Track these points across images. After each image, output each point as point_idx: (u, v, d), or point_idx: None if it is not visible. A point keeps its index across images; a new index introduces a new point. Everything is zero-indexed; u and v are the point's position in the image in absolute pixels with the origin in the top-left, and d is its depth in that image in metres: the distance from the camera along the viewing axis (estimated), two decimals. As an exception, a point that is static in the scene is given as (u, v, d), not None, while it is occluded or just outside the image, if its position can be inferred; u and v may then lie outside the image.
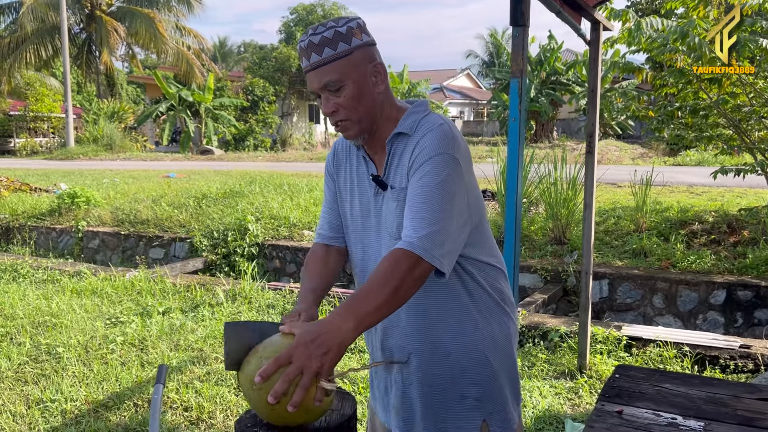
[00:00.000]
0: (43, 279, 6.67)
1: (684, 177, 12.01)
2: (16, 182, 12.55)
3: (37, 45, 27.95)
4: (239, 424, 1.38)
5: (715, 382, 1.76)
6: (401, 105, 1.64)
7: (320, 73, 1.50)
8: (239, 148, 26.78)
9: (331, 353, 1.27)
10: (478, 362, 1.60)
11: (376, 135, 1.61)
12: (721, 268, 5.95)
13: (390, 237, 1.60)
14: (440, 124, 1.55)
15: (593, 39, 3.95)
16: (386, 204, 1.61)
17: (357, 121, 1.55)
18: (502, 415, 1.63)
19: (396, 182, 1.58)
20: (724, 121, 6.79)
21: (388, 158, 1.61)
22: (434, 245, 1.40)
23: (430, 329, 1.60)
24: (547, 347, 4.56)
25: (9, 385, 4.00)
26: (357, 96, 1.52)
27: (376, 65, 1.55)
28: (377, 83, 1.56)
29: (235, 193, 10.18)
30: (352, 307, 1.33)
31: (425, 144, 1.51)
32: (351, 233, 1.73)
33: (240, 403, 3.72)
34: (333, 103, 1.53)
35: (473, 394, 1.60)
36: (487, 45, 43.37)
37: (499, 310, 1.66)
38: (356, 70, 1.51)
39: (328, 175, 1.80)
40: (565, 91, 23.70)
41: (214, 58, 43.42)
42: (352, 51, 1.50)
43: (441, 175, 1.46)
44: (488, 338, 1.61)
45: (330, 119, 1.57)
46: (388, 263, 1.38)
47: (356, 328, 1.31)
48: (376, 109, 1.57)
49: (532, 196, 7.98)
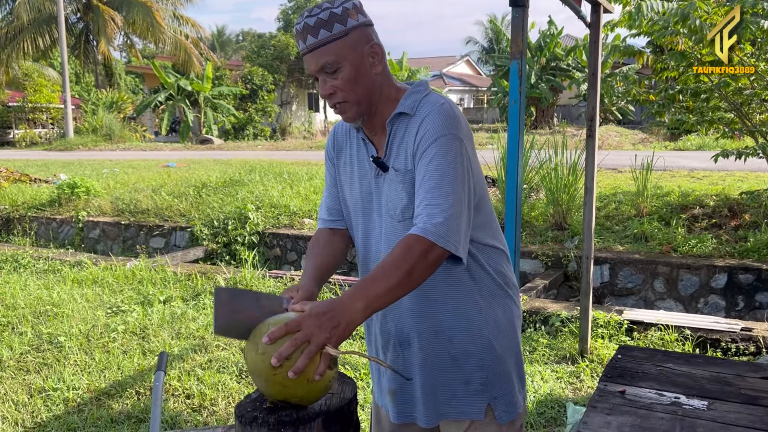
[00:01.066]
0: (44, 269, 6.67)
1: (685, 161, 11.98)
2: (15, 173, 12.53)
3: (34, 35, 27.78)
4: (239, 409, 1.37)
5: (719, 361, 1.75)
6: (401, 86, 1.62)
7: (317, 56, 1.49)
8: (239, 137, 26.70)
9: (339, 328, 1.29)
10: (482, 347, 1.59)
11: (376, 116, 1.59)
12: (722, 251, 5.94)
13: (392, 219, 1.58)
14: (441, 103, 1.54)
15: (594, 21, 3.92)
16: (388, 185, 1.59)
17: (355, 103, 1.53)
18: (507, 399, 1.62)
19: (398, 164, 1.56)
20: (725, 105, 6.75)
21: (388, 139, 1.59)
22: (450, 231, 1.41)
23: (432, 312, 1.59)
24: (548, 332, 4.56)
25: (11, 374, 4.01)
26: (354, 77, 1.50)
27: (372, 46, 1.53)
28: (374, 64, 1.54)
29: (235, 182, 10.16)
30: (363, 289, 1.35)
31: (428, 125, 1.50)
32: (352, 217, 1.72)
33: (242, 390, 3.72)
34: (330, 86, 1.51)
35: (477, 378, 1.59)
36: (487, 31, 43.15)
37: (503, 294, 1.64)
38: (353, 51, 1.49)
39: (328, 160, 1.78)
40: (565, 76, 23.60)
41: (212, 47, 43.27)
42: (348, 32, 1.48)
43: (448, 157, 1.46)
44: (492, 322, 1.60)
45: (328, 101, 1.55)
46: (401, 248, 1.39)
47: (365, 308, 1.33)
48: (375, 91, 1.55)
49: (532, 182, 7.96)
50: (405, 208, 1.55)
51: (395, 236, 1.57)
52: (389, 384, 1.68)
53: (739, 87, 6.27)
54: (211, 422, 3.41)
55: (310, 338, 1.26)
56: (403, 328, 1.62)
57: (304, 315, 1.30)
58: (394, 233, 1.58)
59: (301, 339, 1.26)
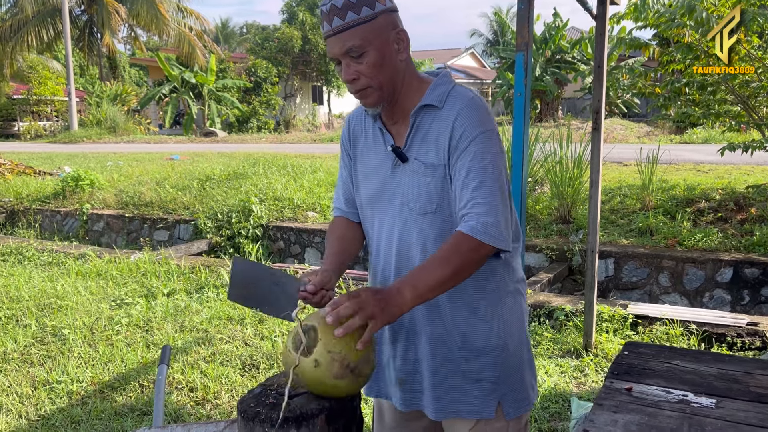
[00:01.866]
0: (48, 261, 6.67)
1: (690, 155, 11.92)
2: (20, 166, 12.55)
3: (38, 27, 27.78)
4: (242, 405, 1.37)
5: (727, 358, 1.73)
6: (423, 76, 1.61)
7: (342, 39, 1.46)
8: (242, 129, 26.68)
9: (389, 309, 1.34)
10: (494, 344, 1.58)
11: (397, 105, 1.58)
12: (728, 245, 5.90)
13: (411, 211, 1.57)
14: (472, 97, 1.54)
15: (600, 13, 3.88)
16: (408, 177, 1.57)
17: (378, 89, 1.51)
18: (516, 395, 1.61)
19: (423, 156, 1.55)
20: (731, 98, 6.70)
21: (411, 130, 1.57)
22: (499, 230, 1.45)
23: (444, 306, 1.58)
24: (552, 326, 4.54)
25: (15, 367, 4.01)
26: (379, 63, 1.48)
27: (399, 32, 1.52)
28: (400, 50, 1.52)
29: (239, 174, 10.15)
30: (413, 280, 1.39)
31: (465, 122, 1.50)
32: (366, 207, 1.70)
33: (245, 384, 3.72)
34: (354, 70, 1.49)
35: (489, 377, 1.58)
36: (492, 23, 42.99)
37: (514, 290, 1.64)
38: (379, 36, 1.47)
39: (344, 151, 1.76)
40: (570, 69, 23.47)
41: (216, 39, 43.22)
42: (376, 16, 1.46)
43: (490, 154, 1.49)
44: (504, 320, 1.59)
45: (350, 86, 1.53)
46: (451, 245, 1.43)
47: (414, 298, 1.38)
48: (398, 77, 1.54)
49: (537, 175, 7.92)
50: (428, 201, 1.54)
51: (412, 228, 1.57)
52: (398, 373, 1.66)
53: (745, 80, 6.22)
54: (214, 415, 3.41)
55: (366, 306, 1.31)
56: (415, 320, 1.61)
57: (363, 288, 1.36)
58: (411, 225, 1.57)
59: (358, 304, 1.31)
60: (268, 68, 27.59)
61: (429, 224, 1.56)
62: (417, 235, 1.57)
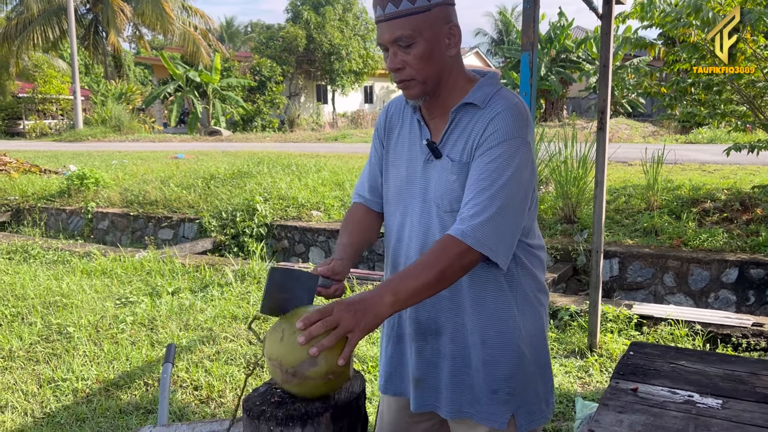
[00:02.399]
0: (54, 260, 6.69)
1: (696, 155, 11.88)
2: (25, 164, 12.59)
3: (44, 26, 27.86)
4: (247, 403, 1.37)
5: (733, 359, 1.72)
6: (470, 75, 1.57)
7: (393, 26, 1.42)
8: (247, 128, 26.72)
9: (366, 319, 1.31)
10: (512, 355, 1.54)
11: (439, 100, 1.54)
12: (734, 246, 5.88)
13: (438, 208, 1.54)
14: (516, 102, 1.49)
15: (605, 12, 3.87)
16: (437, 173, 1.54)
17: (422, 82, 1.47)
18: (531, 408, 1.57)
19: (454, 153, 1.51)
20: (737, 97, 6.68)
21: (449, 126, 1.53)
22: (488, 236, 1.39)
23: (467, 309, 1.55)
24: (557, 326, 4.53)
25: (21, 365, 4.03)
26: (427, 56, 1.44)
27: (452, 27, 1.47)
28: (450, 46, 1.48)
29: (244, 173, 10.16)
30: (394, 284, 1.36)
31: (500, 124, 1.45)
32: (392, 199, 1.66)
33: (249, 382, 3.73)
34: (400, 60, 1.45)
35: (505, 388, 1.54)
36: (496, 23, 42.90)
37: (536, 301, 1.60)
38: (431, 28, 1.43)
39: (377, 138, 1.73)
40: (575, 69, 23.44)
41: (221, 38, 43.23)
42: (431, 8, 1.42)
43: (513, 161, 1.43)
44: (524, 330, 1.56)
45: (394, 75, 1.49)
46: (438, 248, 1.40)
47: (394, 303, 1.35)
48: (444, 73, 1.50)
49: (542, 174, 7.91)
50: (455, 199, 1.50)
51: (437, 225, 1.54)
52: (414, 372, 1.63)
53: (751, 80, 6.20)
54: (218, 414, 3.42)
55: (339, 322, 1.29)
56: (437, 319, 1.58)
57: (336, 302, 1.33)
58: (438, 223, 1.54)
59: (331, 322, 1.28)
60: (272, 67, 27.62)
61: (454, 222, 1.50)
62: (442, 232, 1.53)
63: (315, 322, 1.29)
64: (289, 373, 1.31)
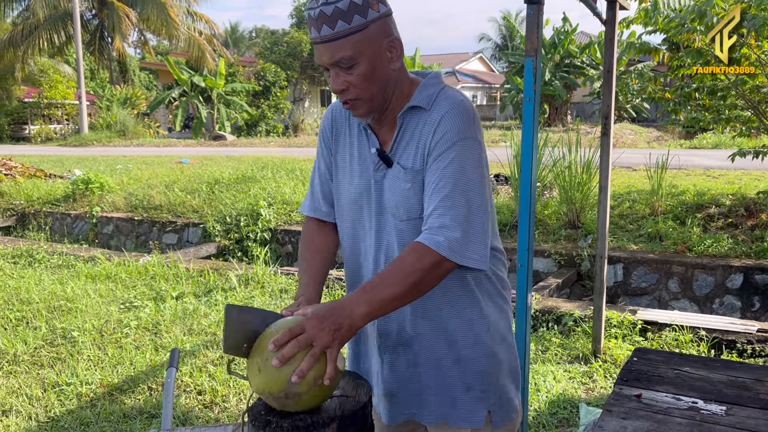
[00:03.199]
0: (59, 264, 6.72)
1: (700, 160, 11.86)
2: (31, 169, 12.63)
3: (49, 32, 28.01)
4: (252, 412, 1.35)
5: (736, 365, 1.72)
6: (413, 78, 1.54)
7: (331, 48, 1.37)
8: (251, 133, 26.78)
9: (341, 331, 1.27)
10: (483, 352, 1.54)
11: (387, 110, 1.51)
12: (738, 251, 5.87)
13: (394, 218, 1.50)
14: (461, 100, 1.46)
15: (609, 18, 3.87)
16: (390, 182, 1.50)
17: (369, 100, 1.43)
18: (504, 404, 1.58)
19: (405, 160, 1.48)
20: (742, 103, 6.66)
21: (398, 133, 1.50)
22: (463, 245, 1.36)
23: (434, 314, 1.53)
24: (561, 332, 4.53)
25: (25, 369, 4.04)
26: (370, 74, 1.39)
27: (392, 40, 1.42)
28: (392, 59, 1.43)
29: (248, 178, 10.18)
30: (367, 293, 1.32)
31: (448, 126, 1.42)
32: (344, 208, 1.62)
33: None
34: (343, 80, 1.40)
35: (479, 385, 1.54)
36: (500, 28, 42.99)
37: (501, 299, 1.60)
38: (371, 46, 1.38)
39: (324, 144, 1.66)
40: (579, 74, 23.43)
41: (225, 43, 43.35)
42: (368, 24, 1.36)
43: (467, 164, 1.40)
44: (493, 327, 1.56)
45: (339, 97, 1.45)
46: (413, 257, 1.35)
47: (368, 314, 1.31)
48: (389, 87, 1.46)
49: (546, 180, 7.90)
50: (411, 207, 1.47)
51: (396, 235, 1.51)
52: (387, 386, 1.60)
53: (756, 85, 6.18)
54: (222, 419, 3.42)
55: (314, 341, 1.25)
56: (405, 328, 1.56)
57: (307, 318, 1.27)
58: (394, 232, 1.51)
59: (304, 341, 1.24)
60: (276, 72, 27.70)
61: (412, 230, 1.48)
62: (401, 242, 1.50)
63: (286, 341, 1.24)
64: (282, 398, 1.29)
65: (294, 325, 1.27)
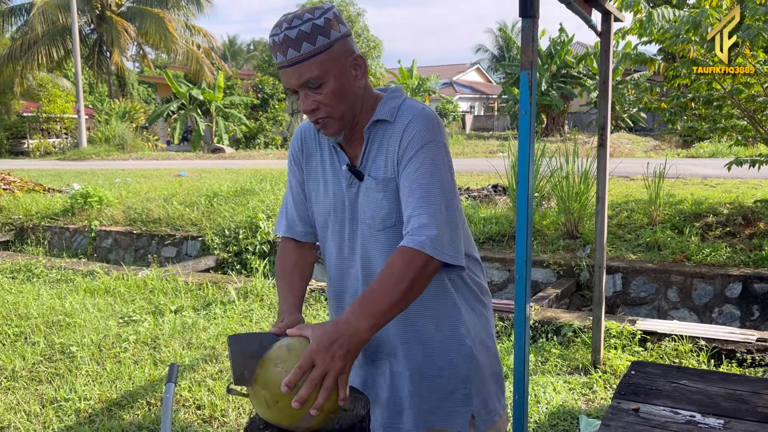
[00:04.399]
0: (57, 278, 6.71)
1: (698, 169, 11.89)
2: (29, 183, 12.64)
3: (48, 46, 28.14)
4: (252, 425, 1.36)
5: (734, 378, 1.72)
6: (376, 93, 1.60)
7: (299, 70, 1.42)
8: (250, 146, 26.85)
9: (351, 353, 1.28)
10: (465, 357, 1.59)
11: (356, 127, 1.56)
12: (737, 260, 5.87)
13: (371, 228, 1.55)
14: (422, 108, 1.52)
15: (604, 30, 3.90)
16: (364, 194, 1.55)
17: (339, 118, 1.48)
18: (488, 408, 1.63)
19: (376, 172, 1.53)
20: (738, 112, 6.70)
21: (365, 147, 1.55)
22: (444, 243, 1.40)
23: (417, 322, 1.58)
24: (560, 342, 4.52)
25: (23, 385, 4.02)
26: (339, 92, 1.45)
27: (355, 58, 1.48)
28: (358, 77, 1.49)
29: (246, 191, 10.19)
30: (367, 307, 1.33)
31: (413, 132, 1.47)
32: (323, 228, 1.67)
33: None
34: (313, 101, 1.45)
35: (461, 389, 1.59)
36: (497, 39, 43.21)
37: (480, 304, 1.65)
38: (336, 64, 1.44)
39: (295, 165, 1.70)
40: (576, 84, 23.55)
41: (223, 56, 43.56)
42: (332, 44, 1.43)
43: (438, 165, 1.46)
44: (473, 332, 1.61)
45: (309, 117, 1.50)
46: (401, 262, 1.37)
47: (372, 327, 1.32)
48: (357, 104, 1.51)
49: (543, 190, 7.92)
50: (386, 216, 1.52)
51: (375, 246, 1.56)
52: (374, 394, 1.64)
53: (752, 94, 6.22)
54: (221, 434, 3.40)
55: (327, 372, 1.24)
56: (388, 339, 1.59)
57: (313, 350, 1.25)
58: (373, 243, 1.56)
59: (318, 377, 1.23)
60: (275, 85, 27.80)
61: (390, 239, 1.54)
62: (380, 252, 1.55)
63: (298, 380, 1.23)
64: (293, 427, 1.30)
65: (302, 361, 1.25)
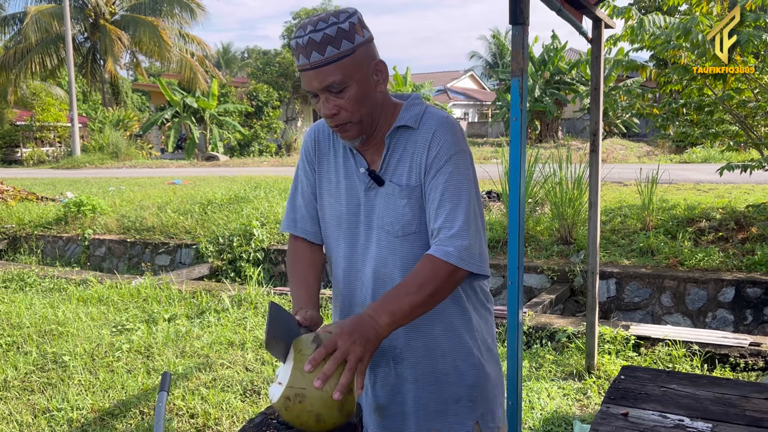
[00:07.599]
0: (50, 287, 6.68)
1: (690, 174, 11.95)
2: (22, 192, 12.60)
3: (42, 55, 28.07)
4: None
5: (723, 382, 1.73)
6: (396, 100, 1.60)
7: (322, 74, 1.41)
8: (244, 153, 26.83)
9: (371, 343, 1.31)
10: (472, 364, 1.59)
11: (374, 132, 1.56)
12: (730, 265, 5.90)
13: (389, 235, 1.54)
14: (446, 116, 1.55)
15: (595, 37, 3.92)
16: (383, 200, 1.55)
17: (358, 122, 1.48)
18: (491, 416, 1.64)
19: (399, 178, 1.53)
20: (729, 117, 6.74)
21: (387, 152, 1.55)
22: (473, 253, 1.44)
23: (424, 328, 1.58)
24: (554, 348, 4.52)
25: (15, 395, 4.00)
26: (360, 97, 1.45)
27: (377, 64, 1.48)
28: (379, 82, 1.49)
29: (240, 198, 10.18)
30: (388, 304, 1.36)
31: (441, 141, 1.49)
32: (332, 230, 1.65)
33: (246, 410, 3.70)
34: (334, 105, 1.44)
35: (467, 396, 1.59)
36: (490, 46, 43.38)
37: (485, 310, 1.66)
38: (359, 69, 1.43)
39: (308, 165, 1.68)
40: (569, 90, 23.64)
41: (217, 64, 43.55)
42: (356, 49, 1.42)
43: (465, 175, 1.49)
44: (480, 339, 1.62)
45: (329, 121, 1.48)
46: (428, 269, 1.41)
47: (391, 324, 1.35)
48: (377, 109, 1.51)
49: (537, 196, 7.94)
50: (407, 223, 1.52)
51: (391, 251, 1.55)
52: (376, 399, 1.63)
53: (743, 100, 6.26)
54: (215, 442, 3.39)
55: (348, 355, 1.27)
56: (396, 343, 1.59)
57: (336, 334, 1.29)
58: (389, 249, 1.55)
59: (340, 357, 1.26)
60: (269, 92, 27.83)
61: (409, 246, 1.54)
62: (397, 258, 1.54)
63: (321, 359, 1.26)
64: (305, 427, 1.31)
65: (326, 342, 1.29)
